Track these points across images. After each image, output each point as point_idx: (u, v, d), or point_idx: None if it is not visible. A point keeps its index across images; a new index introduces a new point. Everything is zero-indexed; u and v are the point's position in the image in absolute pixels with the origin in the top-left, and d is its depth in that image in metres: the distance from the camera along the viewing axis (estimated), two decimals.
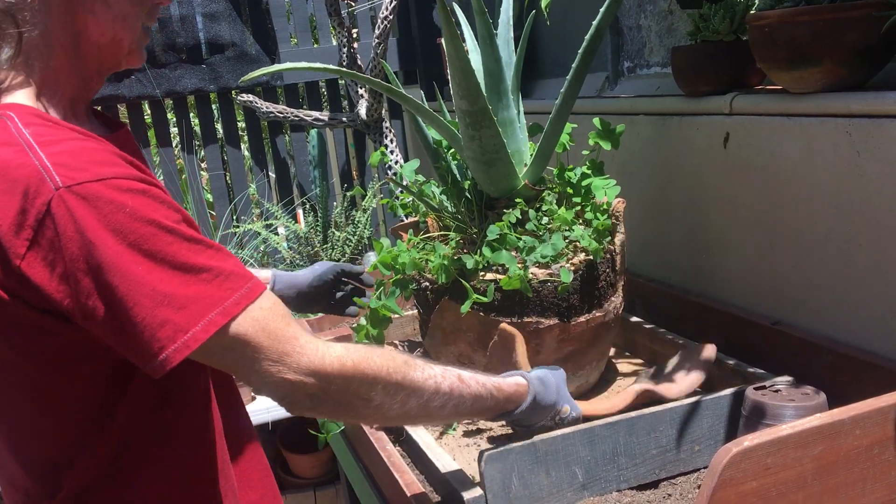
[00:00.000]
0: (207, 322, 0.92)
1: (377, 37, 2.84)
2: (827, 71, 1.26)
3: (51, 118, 1.00)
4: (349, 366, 0.99)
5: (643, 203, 1.81)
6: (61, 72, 1.04)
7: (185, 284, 0.92)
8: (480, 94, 1.33)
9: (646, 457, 1.20)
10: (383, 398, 1.02)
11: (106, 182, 0.90)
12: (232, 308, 0.94)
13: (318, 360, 0.98)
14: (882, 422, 0.97)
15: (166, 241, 0.91)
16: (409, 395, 1.04)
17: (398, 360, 1.04)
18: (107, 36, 1.04)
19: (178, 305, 0.91)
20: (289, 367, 0.96)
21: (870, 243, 1.27)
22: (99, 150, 0.95)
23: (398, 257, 1.43)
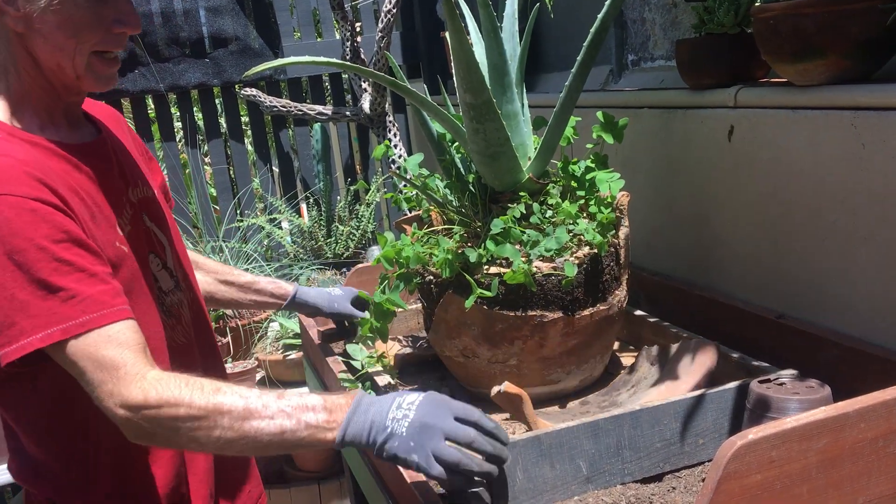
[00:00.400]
0: (46, 335, 1.04)
1: (380, 30, 2.83)
2: (832, 63, 1.25)
3: (9, 129, 1.16)
4: (152, 397, 1.05)
5: (647, 196, 1.81)
6: (32, 88, 1.19)
7: (42, 298, 1.05)
8: (485, 87, 1.32)
9: (650, 450, 1.20)
10: (191, 426, 1.06)
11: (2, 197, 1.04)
12: (74, 328, 1.05)
13: (128, 392, 1.05)
14: (887, 415, 0.97)
15: (36, 258, 1.05)
16: (218, 419, 1.06)
17: (207, 387, 1.08)
18: (52, 62, 1.17)
19: (30, 314, 1.04)
20: (107, 395, 1.05)
21: (875, 236, 1.27)
22: (11, 166, 1.08)
23: (402, 251, 1.43)
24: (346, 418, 1.08)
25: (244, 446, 1.08)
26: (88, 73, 1.19)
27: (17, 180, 1.07)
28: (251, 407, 1.07)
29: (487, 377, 1.45)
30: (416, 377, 1.65)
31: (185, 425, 1.05)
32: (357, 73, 1.38)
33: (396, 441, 1.05)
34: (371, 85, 3.03)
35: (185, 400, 1.05)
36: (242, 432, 1.06)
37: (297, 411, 1.08)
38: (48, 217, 1.07)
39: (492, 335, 1.39)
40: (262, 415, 1.07)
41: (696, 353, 1.36)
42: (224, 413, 1.06)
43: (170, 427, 1.05)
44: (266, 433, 1.06)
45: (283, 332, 2.60)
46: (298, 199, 3.38)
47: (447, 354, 1.49)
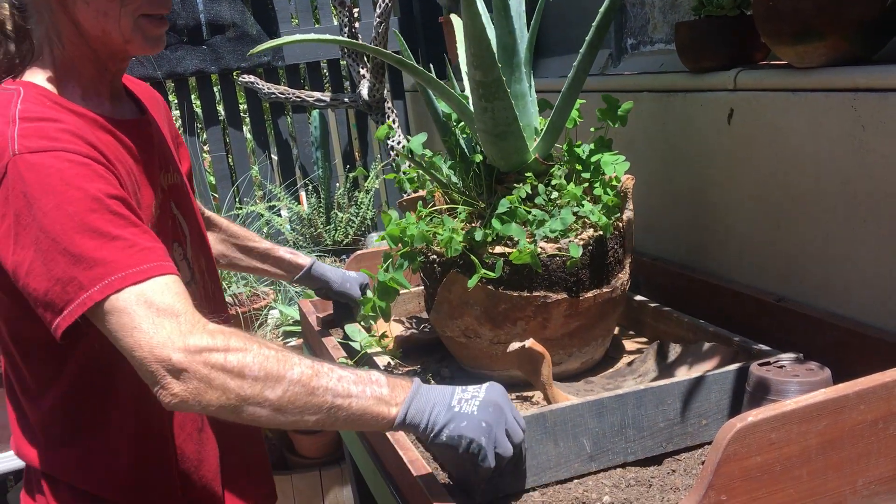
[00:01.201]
0: (104, 285, 0.98)
1: (378, 16, 2.82)
2: (831, 45, 1.25)
3: (55, 97, 1.13)
4: (220, 340, 0.99)
5: (647, 180, 1.81)
6: (77, 58, 1.16)
7: (97, 248, 0.99)
8: (495, 64, 1.32)
9: (653, 429, 1.20)
10: (257, 374, 0.98)
11: (50, 153, 1.02)
12: (133, 276, 0.99)
13: (190, 335, 0.98)
14: (887, 397, 0.98)
15: (91, 207, 1.01)
16: (285, 371, 1.00)
17: (272, 346, 1.03)
18: (97, 29, 1.14)
19: (86, 266, 0.99)
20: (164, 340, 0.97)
21: (875, 218, 1.26)
22: (62, 129, 1.06)
23: (406, 229, 1.43)
24: (408, 397, 1.04)
25: (306, 407, 1.00)
26: (136, 35, 1.15)
27: (69, 141, 1.05)
28: (319, 367, 1.02)
29: (489, 358, 1.45)
30: (416, 359, 1.65)
31: (252, 373, 0.98)
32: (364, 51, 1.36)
33: (465, 421, 1.02)
34: (369, 71, 3.02)
35: (254, 347, 1.00)
36: (311, 388, 1.00)
37: (363, 381, 1.03)
38: (102, 173, 1.04)
39: (495, 315, 1.40)
40: (329, 375, 1.02)
41: (704, 357, 1.36)
42: (293, 365, 1.00)
43: (235, 373, 0.97)
44: (334, 392, 1.00)
45: (283, 319, 2.60)
46: (297, 187, 3.38)
47: (448, 335, 1.50)
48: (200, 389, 0.97)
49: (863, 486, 0.98)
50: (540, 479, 1.14)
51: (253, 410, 0.99)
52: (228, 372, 0.97)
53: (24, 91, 1.10)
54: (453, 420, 1.03)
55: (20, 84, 1.12)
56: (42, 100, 1.10)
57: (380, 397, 1.03)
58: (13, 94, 1.09)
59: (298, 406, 1.00)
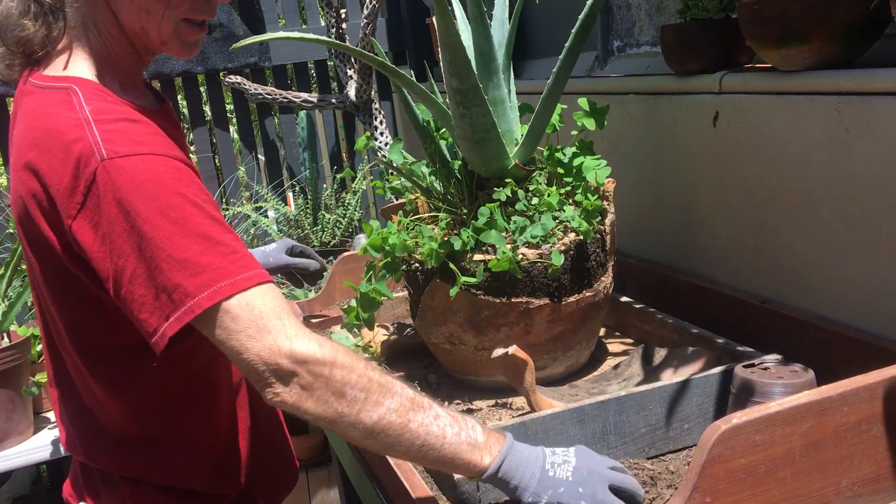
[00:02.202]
0: (213, 291, 0.97)
1: (366, 17, 2.81)
2: (816, 48, 1.25)
3: (110, 94, 1.10)
4: (327, 353, 0.98)
5: (633, 182, 1.81)
6: (115, 48, 1.13)
7: (202, 253, 0.98)
8: (471, 71, 1.32)
9: (635, 435, 1.20)
10: (357, 395, 0.97)
11: (143, 157, 1.00)
12: (241, 282, 0.98)
13: (299, 342, 0.97)
14: (870, 398, 0.98)
15: (191, 213, 0.99)
16: (385, 398, 0.98)
17: (377, 369, 1.01)
18: (136, 24, 1.12)
19: (192, 272, 0.97)
20: (271, 345, 0.96)
21: (859, 221, 1.27)
22: (145, 132, 1.05)
23: (388, 239, 1.43)
24: (503, 450, 1.01)
25: (399, 439, 0.98)
26: (175, 39, 1.13)
27: (156, 143, 1.03)
28: (419, 399, 1.00)
29: (474, 364, 1.45)
30: (403, 364, 1.65)
31: (352, 392, 0.97)
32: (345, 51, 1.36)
33: (562, 487, 0.99)
34: (357, 72, 3.02)
35: (359, 367, 0.98)
36: (406, 420, 0.98)
37: (458, 423, 1.01)
38: (189, 175, 1.03)
39: (478, 322, 1.39)
40: (427, 411, 0.99)
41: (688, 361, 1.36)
42: (394, 394, 0.98)
43: (336, 389, 0.96)
44: (428, 430, 0.98)
45: None
46: (284, 188, 3.37)
47: (434, 341, 1.49)
48: (303, 397, 0.97)
49: (846, 487, 0.99)
50: None
51: (346, 428, 0.99)
52: (331, 387, 0.97)
53: (79, 89, 1.06)
54: (550, 486, 0.99)
55: (69, 80, 1.07)
56: (104, 96, 1.07)
57: (474, 443, 1.00)
58: (68, 93, 1.05)
59: (391, 436, 0.99)
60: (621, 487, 1.01)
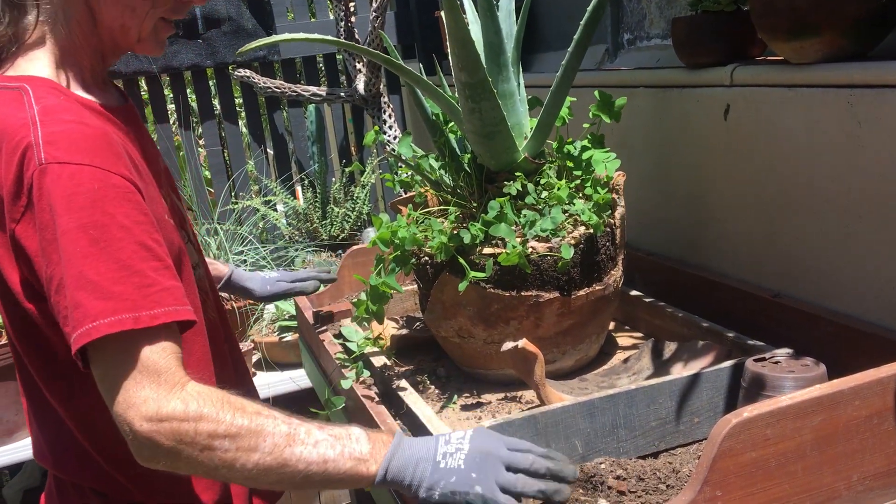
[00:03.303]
0: (115, 320, 0.94)
1: (374, 10, 2.81)
2: (828, 41, 1.24)
3: (66, 92, 1.09)
4: (192, 409, 0.96)
5: (643, 176, 1.81)
6: (80, 45, 1.13)
7: (115, 281, 0.95)
8: (480, 65, 1.31)
9: (645, 429, 1.20)
10: (228, 445, 0.96)
11: (80, 167, 0.97)
12: (145, 319, 0.96)
13: (166, 401, 0.96)
14: (881, 392, 0.98)
15: (115, 235, 0.96)
16: (258, 441, 0.97)
17: (250, 407, 1.00)
18: (116, 22, 1.13)
19: (98, 296, 0.95)
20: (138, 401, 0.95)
21: (870, 214, 1.26)
22: (92, 136, 1.01)
23: (397, 233, 1.43)
24: (388, 454, 1.01)
25: (281, 476, 0.98)
26: (152, 36, 1.16)
27: (99, 152, 0.99)
28: (293, 432, 0.99)
29: (483, 357, 1.45)
30: (412, 358, 1.65)
31: (222, 444, 0.96)
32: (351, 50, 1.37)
33: (454, 476, 0.98)
34: (366, 66, 3.02)
35: (227, 418, 0.97)
36: (283, 459, 0.97)
37: (341, 440, 1.01)
38: (130, 196, 1.00)
39: (487, 315, 1.39)
40: (305, 441, 0.99)
41: (698, 355, 1.36)
42: (266, 436, 0.97)
43: (203, 444, 0.95)
44: (308, 461, 0.98)
45: (278, 314, 2.59)
46: (293, 181, 3.37)
47: (443, 335, 1.49)
48: (171, 461, 0.97)
49: (857, 481, 0.98)
50: None
51: (225, 477, 0.99)
52: (198, 443, 0.96)
53: (32, 88, 1.04)
54: (442, 477, 0.99)
55: (24, 80, 1.06)
56: (57, 94, 1.06)
57: (359, 457, 1.00)
58: (20, 92, 1.04)
59: (273, 476, 0.99)
60: (519, 467, 1.00)
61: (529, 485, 0.99)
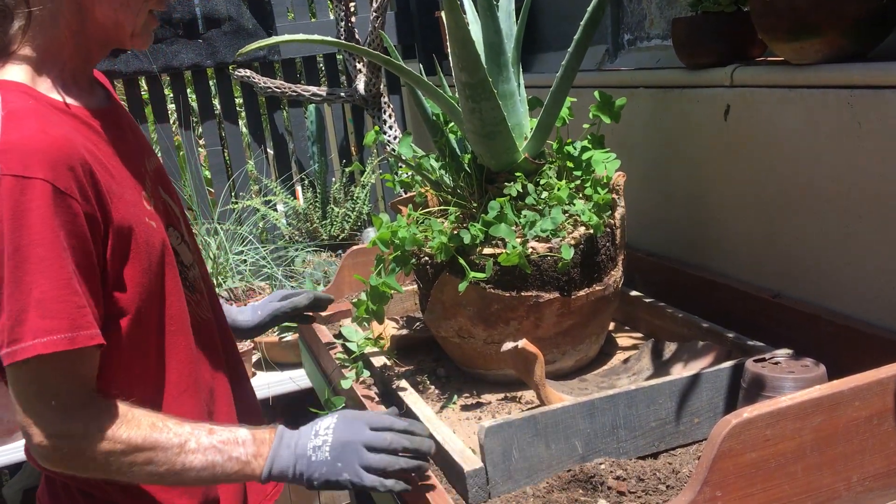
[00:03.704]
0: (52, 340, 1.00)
1: (375, 10, 2.81)
2: (828, 41, 1.24)
3: (38, 95, 1.10)
4: (93, 428, 1.05)
5: (643, 176, 1.81)
6: (64, 45, 1.14)
7: (57, 300, 1.00)
8: (480, 65, 1.31)
9: (645, 429, 1.20)
10: (121, 461, 1.06)
11: (32, 181, 1.00)
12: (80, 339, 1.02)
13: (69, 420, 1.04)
14: (881, 393, 0.98)
15: (58, 255, 1.00)
16: (152, 454, 1.07)
17: (144, 422, 1.09)
18: (111, 19, 1.15)
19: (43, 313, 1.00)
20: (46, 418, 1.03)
21: (870, 214, 1.26)
22: (51, 148, 1.02)
23: (397, 233, 1.43)
24: (270, 454, 1.12)
25: (175, 480, 1.10)
26: (144, 29, 1.20)
27: (51, 165, 1.02)
28: (184, 443, 1.09)
29: (483, 358, 1.45)
30: (412, 358, 1.65)
31: (120, 460, 1.06)
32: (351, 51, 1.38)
33: (324, 467, 1.10)
34: (366, 66, 3.02)
35: (123, 437, 1.06)
36: (175, 469, 1.08)
37: (227, 446, 1.11)
38: (74, 215, 1.03)
39: (487, 316, 1.39)
40: (195, 450, 1.09)
41: (698, 355, 1.36)
42: (159, 449, 1.07)
43: (101, 461, 1.05)
44: (197, 468, 1.09)
45: None
46: (294, 181, 3.37)
47: (443, 335, 1.49)
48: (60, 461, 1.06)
49: (857, 482, 0.98)
50: (532, 480, 1.14)
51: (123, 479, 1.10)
52: (94, 460, 1.06)
53: (2, 94, 1.06)
54: (316, 469, 1.11)
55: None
56: (26, 98, 1.08)
57: (245, 461, 1.11)
58: None
59: (167, 482, 1.10)
60: (379, 447, 1.11)
61: (391, 463, 1.10)
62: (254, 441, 1.12)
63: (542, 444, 1.14)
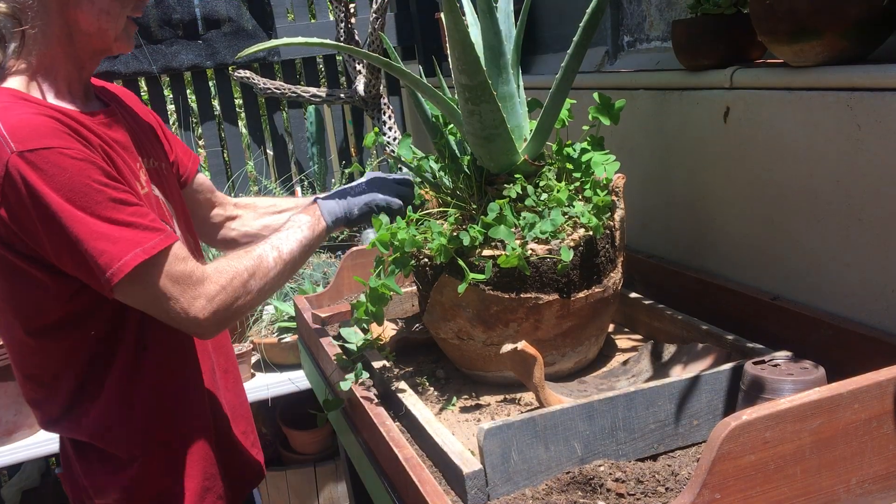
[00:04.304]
0: (134, 255, 1.22)
1: (375, 11, 2.81)
2: (828, 44, 1.24)
3: (30, 98, 1.26)
4: (222, 281, 1.32)
5: (643, 178, 1.81)
6: (56, 58, 1.30)
7: (116, 229, 1.21)
8: (480, 68, 1.31)
9: (644, 431, 1.20)
10: (252, 282, 1.36)
11: (51, 150, 1.17)
12: (151, 249, 1.24)
13: (206, 289, 1.30)
14: (881, 395, 0.98)
15: (95, 200, 1.20)
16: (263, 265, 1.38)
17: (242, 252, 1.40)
18: (94, 27, 1.30)
19: (112, 241, 1.21)
20: (189, 301, 1.28)
21: (870, 217, 1.27)
22: (50, 125, 1.20)
23: (397, 234, 1.43)
24: (321, 211, 1.51)
25: (292, 267, 1.44)
26: (125, 34, 1.36)
27: (54, 135, 1.20)
28: (277, 244, 1.42)
29: (482, 359, 1.45)
30: (412, 359, 1.65)
31: (250, 283, 1.35)
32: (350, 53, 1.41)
33: (362, 197, 1.54)
34: (366, 67, 3.02)
35: (240, 269, 1.35)
36: (283, 261, 1.41)
37: (298, 225, 1.47)
38: (94, 162, 1.22)
39: (486, 317, 1.39)
40: (285, 243, 1.43)
41: (698, 357, 1.36)
42: (266, 256, 1.39)
43: (242, 292, 1.34)
44: (294, 250, 1.43)
45: (277, 315, 2.59)
46: (293, 182, 3.37)
47: (442, 336, 1.49)
48: (225, 319, 1.34)
49: (856, 484, 0.98)
50: (531, 482, 1.14)
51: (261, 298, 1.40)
52: (239, 296, 1.34)
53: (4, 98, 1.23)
54: (355, 205, 1.55)
55: None
56: (15, 99, 1.23)
57: (311, 224, 1.49)
58: None
59: (287, 272, 1.44)
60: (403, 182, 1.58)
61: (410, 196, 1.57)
62: (305, 212, 1.51)
63: (542, 445, 1.14)
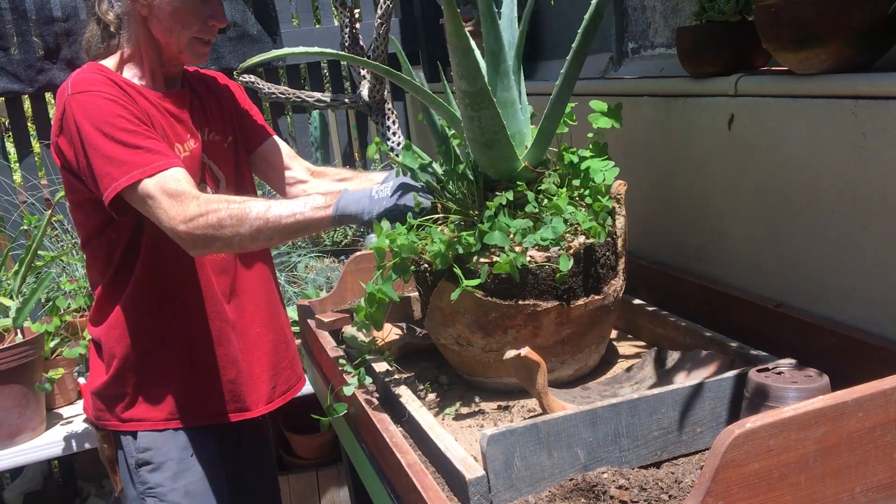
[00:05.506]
0: (130, 176, 1.56)
1: (379, 17, 2.82)
2: (833, 51, 1.24)
3: (106, 70, 1.69)
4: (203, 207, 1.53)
5: (647, 185, 1.81)
6: (146, 52, 1.72)
7: (124, 153, 1.57)
8: (480, 74, 1.31)
9: (648, 438, 1.20)
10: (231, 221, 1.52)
11: (90, 93, 1.60)
12: (149, 170, 1.55)
13: (188, 208, 1.53)
14: (885, 404, 0.97)
15: (116, 128, 1.58)
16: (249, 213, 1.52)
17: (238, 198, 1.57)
18: (163, 39, 1.70)
19: (116, 164, 1.56)
20: (174, 216, 1.53)
21: (875, 225, 1.26)
22: (101, 79, 1.64)
23: (396, 240, 1.43)
24: (336, 201, 1.52)
25: (272, 231, 1.52)
26: (188, 50, 1.71)
27: (102, 84, 1.63)
28: (271, 203, 1.53)
29: (482, 365, 1.45)
30: (414, 364, 1.65)
31: (228, 222, 1.51)
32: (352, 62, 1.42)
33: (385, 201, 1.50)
34: (370, 72, 3.02)
35: (223, 205, 1.52)
36: (264, 219, 1.51)
37: (307, 201, 1.54)
38: (123, 103, 1.61)
39: (485, 324, 1.39)
40: (279, 207, 1.53)
41: (702, 364, 1.36)
42: (252, 208, 1.52)
43: (217, 225, 1.51)
44: (283, 216, 1.51)
45: None
46: None
47: (442, 342, 1.49)
48: (201, 242, 1.55)
49: (860, 492, 0.98)
50: (534, 489, 1.14)
51: (237, 242, 1.54)
52: (213, 226, 1.52)
53: (88, 66, 1.69)
54: (376, 205, 1.50)
55: (90, 64, 1.70)
56: (98, 69, 1.68)
57: (317, 206, 1.53)
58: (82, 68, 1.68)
59: (265, 232, 1.53)
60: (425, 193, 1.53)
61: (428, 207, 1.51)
62: (324, 197, 1.54)
63: (545, 452, 1.14)
